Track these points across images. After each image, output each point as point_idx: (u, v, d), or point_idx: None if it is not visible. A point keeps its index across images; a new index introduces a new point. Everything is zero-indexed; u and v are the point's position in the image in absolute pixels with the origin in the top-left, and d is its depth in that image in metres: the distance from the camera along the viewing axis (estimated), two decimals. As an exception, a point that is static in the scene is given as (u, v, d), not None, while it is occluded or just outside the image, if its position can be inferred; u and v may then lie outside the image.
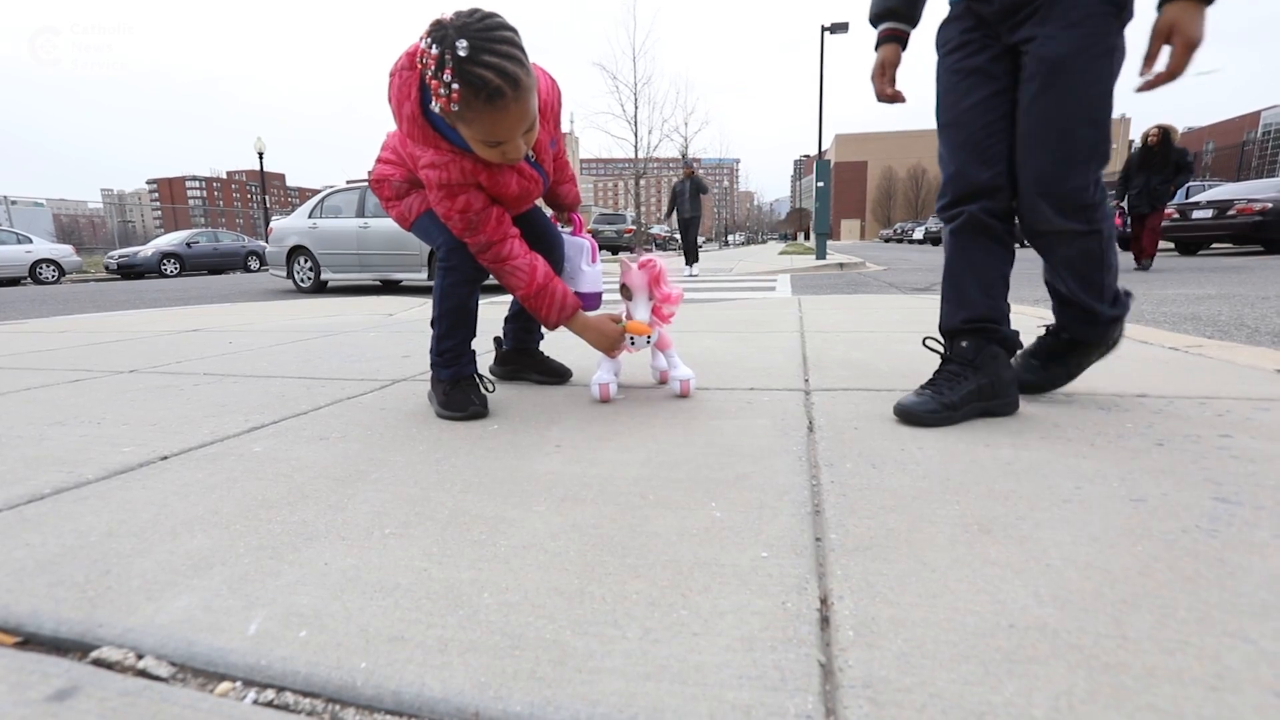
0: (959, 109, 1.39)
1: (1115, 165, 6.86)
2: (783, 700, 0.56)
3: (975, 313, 1.41)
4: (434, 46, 1.16)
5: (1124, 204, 7.52)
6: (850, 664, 0.61)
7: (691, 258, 10.44)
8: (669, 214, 10.54)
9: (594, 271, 1.82)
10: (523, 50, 1.22)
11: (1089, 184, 1.31)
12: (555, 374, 1.91)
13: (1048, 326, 1.55)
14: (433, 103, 1.21)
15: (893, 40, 1.50)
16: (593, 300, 1.78)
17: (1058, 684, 0.57)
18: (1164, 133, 7.39)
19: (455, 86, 1.16)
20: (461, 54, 1.14)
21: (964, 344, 1.41)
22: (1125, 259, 7.89)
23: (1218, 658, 0.60)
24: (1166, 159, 7.34)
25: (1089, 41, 1.24)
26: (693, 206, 10.19)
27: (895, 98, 1.51)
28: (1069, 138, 1.28)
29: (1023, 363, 1.56)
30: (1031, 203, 1.35)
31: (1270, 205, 9.09)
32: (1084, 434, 1.26)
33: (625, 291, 1.60)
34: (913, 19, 1.49)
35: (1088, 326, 1.45)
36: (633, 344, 1.62)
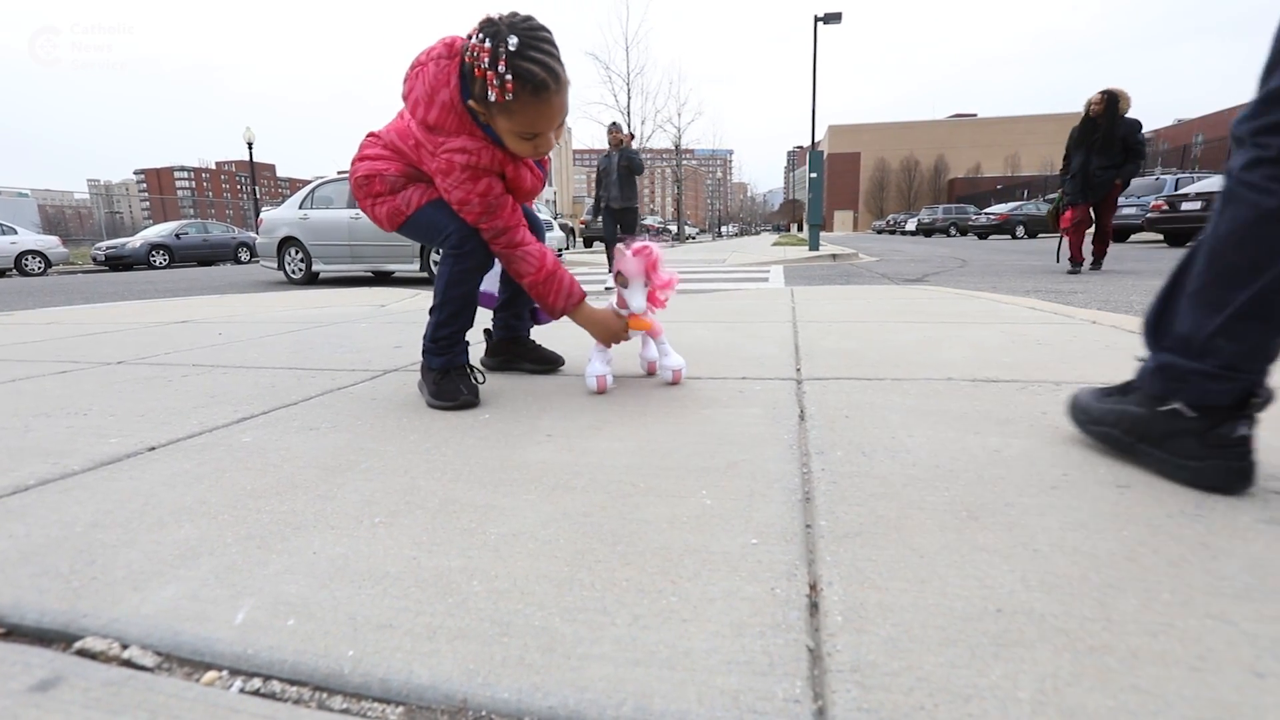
0: None
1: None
2: (770, 685, 0.57)
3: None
4: (487, 41, 1.25)
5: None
6: (838, 649, 0.61)
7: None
8: (596, 209, 6.76)
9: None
10: (559, 50, 1.34)
11: None
12: (547, 362, 1.91)
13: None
14: (489, 94, 1.28)
15: None
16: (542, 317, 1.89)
17: (1044, 667, 0.58)
18: (1108, 99, 5.51)
19: (509, 78, 1.25)
20: (512, 49, 1.24)
21: None
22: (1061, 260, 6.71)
23: (1200, 639, 0.61)
24: (1112, 136, 5.48)
25: None
26: (624, 193, 6.45)
27: None
28: None
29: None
30: None
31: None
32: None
33: (620, 279, 1.60)
34: None
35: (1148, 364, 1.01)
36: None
